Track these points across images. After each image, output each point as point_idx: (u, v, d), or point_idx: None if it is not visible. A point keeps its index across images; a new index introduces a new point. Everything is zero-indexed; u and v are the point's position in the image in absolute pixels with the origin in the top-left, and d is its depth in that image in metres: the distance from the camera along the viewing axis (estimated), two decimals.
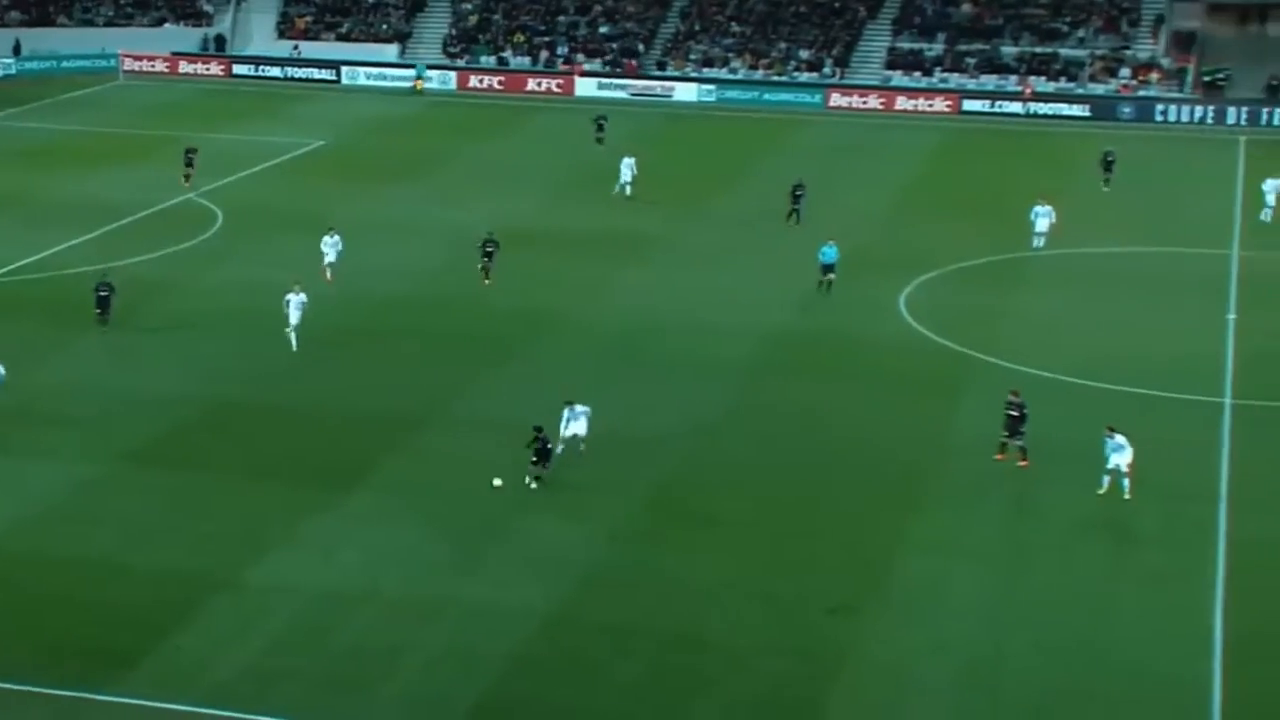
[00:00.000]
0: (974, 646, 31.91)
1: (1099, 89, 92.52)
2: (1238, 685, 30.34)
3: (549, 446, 38.93)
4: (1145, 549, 36.28)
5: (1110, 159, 71.87)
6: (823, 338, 50.74)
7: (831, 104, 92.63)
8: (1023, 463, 40.20)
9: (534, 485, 38.57)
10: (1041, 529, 37.22)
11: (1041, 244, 59.79)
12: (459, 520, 37.27)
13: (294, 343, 47.78)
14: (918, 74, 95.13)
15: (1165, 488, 39.14)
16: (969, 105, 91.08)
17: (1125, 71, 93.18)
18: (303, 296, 48.32)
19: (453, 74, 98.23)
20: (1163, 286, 56.37)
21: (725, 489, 39.19)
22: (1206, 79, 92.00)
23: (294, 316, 48.03)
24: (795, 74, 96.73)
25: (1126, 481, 38.08)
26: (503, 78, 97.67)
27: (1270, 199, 64.66)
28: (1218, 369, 47.70)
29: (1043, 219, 59.91)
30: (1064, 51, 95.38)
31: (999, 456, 40.49)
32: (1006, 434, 40.60)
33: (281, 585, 34.06)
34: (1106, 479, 38.33)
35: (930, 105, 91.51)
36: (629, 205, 67.38)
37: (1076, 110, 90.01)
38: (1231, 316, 52.80)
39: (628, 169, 68.72)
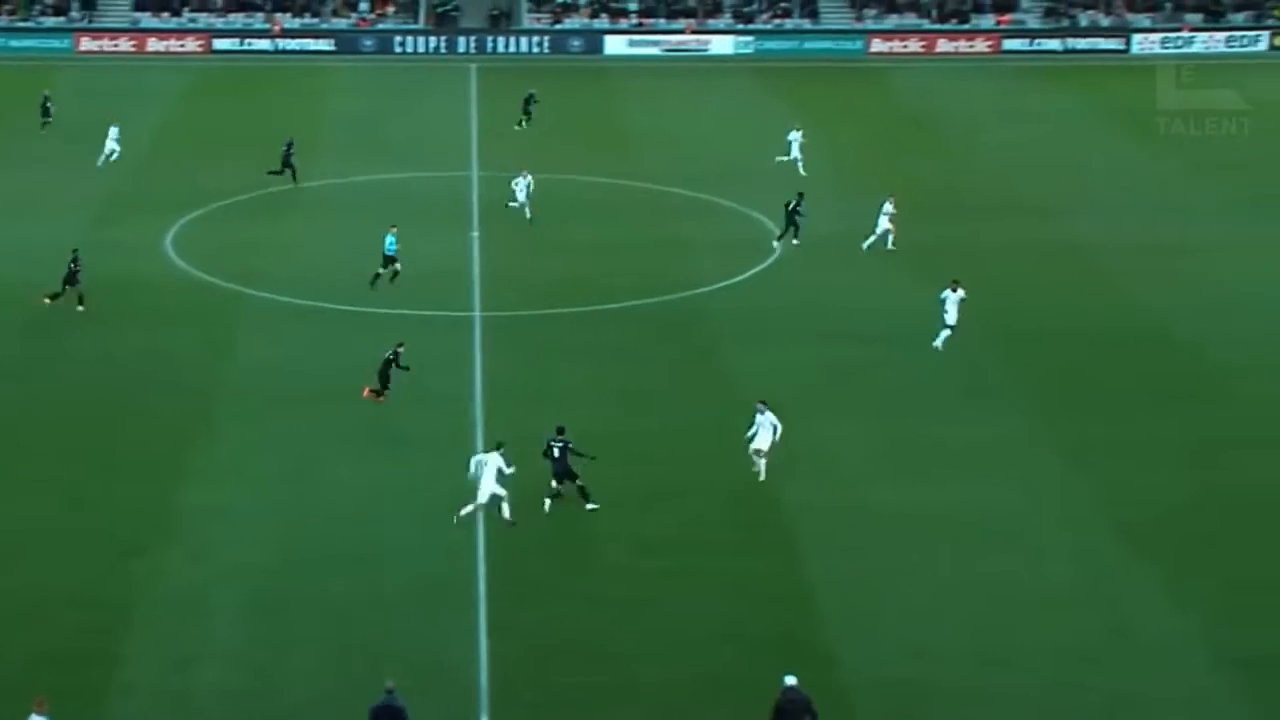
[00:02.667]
0: (263, 570, 32.19)
1: (342, 23, 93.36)
2: (496, 580, 31.94)
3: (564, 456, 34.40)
4: (416, 455, 37.51)
5: (531, 101, 71.74)
6: (92, 285, 49.02)
7: (81, 48, 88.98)
8: None
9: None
10: (317, 450, 37.76)
11: (517, 205, 56.54)
12: None
13: None
14: (167, 15, 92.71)
15: (432, 400, 40.70)
16: (220, 44, 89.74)
17: (365, 5, 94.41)
18: None
19: None
20: (416, 210, 57.66)
21: (15, 442, 37.57)
22: (438, 10, 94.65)
23: None
24: (41, 19, 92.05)
25: (763, 463, 35.89)
26: None
27: (794, 149, 64.13)
28: (467, 284, 49.70)
29: (521, 190, 56.51)
30: None
31: (374, 397, 40.02)
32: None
33: None
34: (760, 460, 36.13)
35: (182, 46, 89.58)
36: None
37: (323, 45, 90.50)
38: (475, 234, 55.06)
39: (113, 140, 62.85)
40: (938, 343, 43.64)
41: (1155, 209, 59.01)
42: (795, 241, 53.12)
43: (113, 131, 63.79)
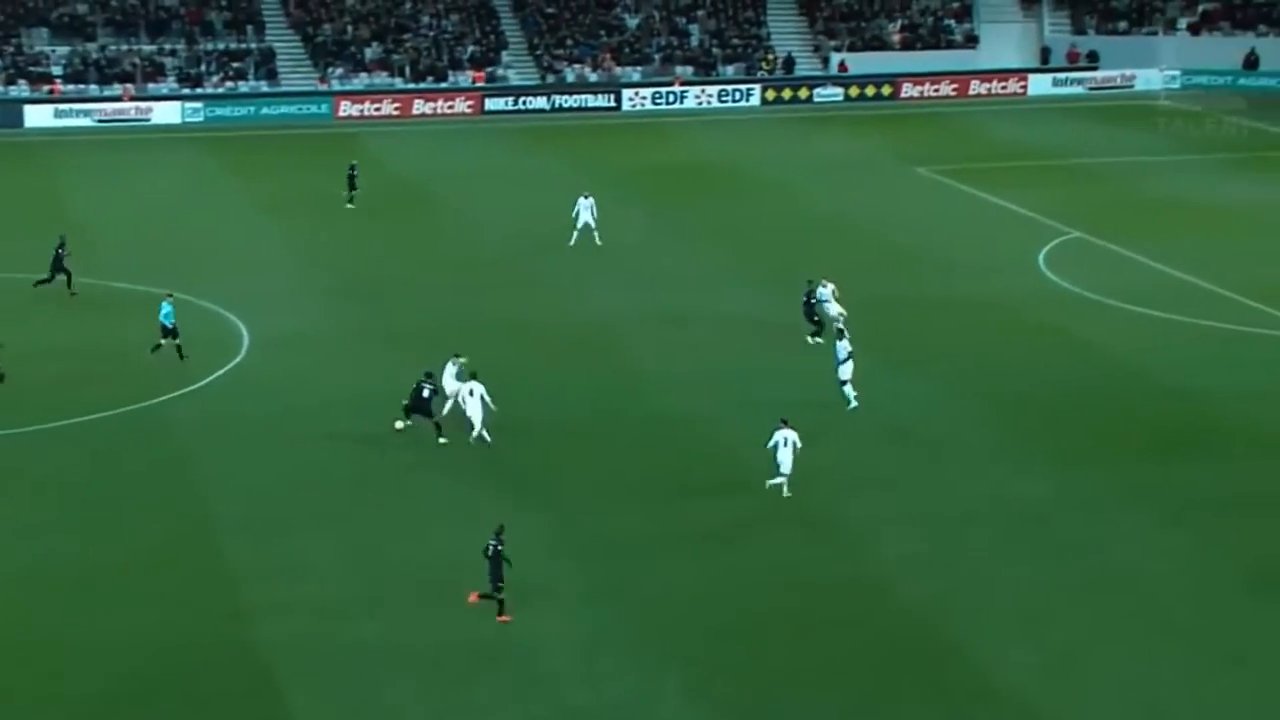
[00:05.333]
0: None
1: None
2: None
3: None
4: None
5: (353, 173, 69.57)
6: None
7: None
8: None
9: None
10: None
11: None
12: None
13: None
14: None
15: None
16: None
17: None
18: None
19: None
20: None
21: None
22: None
23: None
24: None
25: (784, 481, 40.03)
26: None
27: (584, 216, 62.70)
28: None
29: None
30: None
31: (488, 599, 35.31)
32: None
33: None
34: (780, 478, 40.02)
35: None
36: None
37: None
38: None
39: None
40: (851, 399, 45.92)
41: (648, 277, 60.01)
42: (818, 339, 51.84)
43: None
